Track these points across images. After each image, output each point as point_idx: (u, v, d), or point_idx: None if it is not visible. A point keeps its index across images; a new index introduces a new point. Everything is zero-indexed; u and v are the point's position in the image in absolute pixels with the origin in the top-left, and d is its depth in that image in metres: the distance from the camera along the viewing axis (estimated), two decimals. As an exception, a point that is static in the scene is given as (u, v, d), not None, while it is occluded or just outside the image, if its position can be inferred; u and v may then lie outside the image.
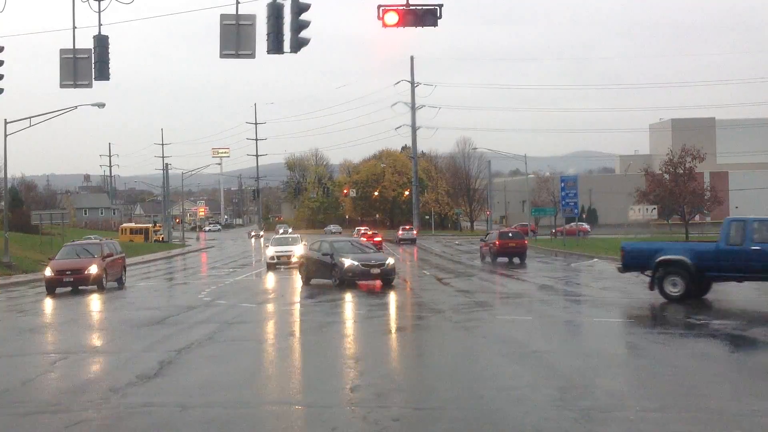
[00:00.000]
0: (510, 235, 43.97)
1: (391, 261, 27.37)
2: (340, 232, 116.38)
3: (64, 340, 16.31)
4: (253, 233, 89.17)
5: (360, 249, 28.36)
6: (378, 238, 61.68)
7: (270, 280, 31.21)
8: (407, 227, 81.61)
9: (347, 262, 26.27)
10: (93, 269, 27.59)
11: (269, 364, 13.04)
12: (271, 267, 38.17)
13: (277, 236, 46.97)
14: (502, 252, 42.11)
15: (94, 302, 24.22)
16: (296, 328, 17.42)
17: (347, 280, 26.18)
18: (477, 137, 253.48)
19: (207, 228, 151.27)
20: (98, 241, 32.44)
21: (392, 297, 24.07)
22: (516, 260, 41.59)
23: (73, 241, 34.87)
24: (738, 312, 18.93)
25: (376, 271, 26.36)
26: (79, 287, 27.48)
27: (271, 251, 39.89)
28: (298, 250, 38.40)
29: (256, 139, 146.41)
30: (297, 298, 24.24)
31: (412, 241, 73.38)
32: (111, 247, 31.31)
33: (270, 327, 17.63)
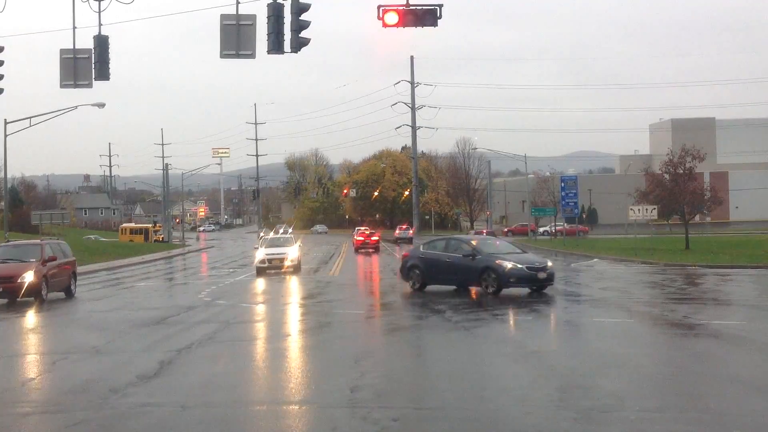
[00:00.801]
0: (484, 234, 50.95)
1: (551, 263, 23.78)
2: (326, 232, 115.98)
3: (64, 340, 16.30)
4: (262, 234, 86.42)
5: (508, 248, 24.67)
6: (375, 237, 61.93)
7: (270, 280, 31.16)
8: (404, 227, 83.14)
9: (508, 264, 22.36)
10: (28, 277, 22.63)
11: (269, 364, 13.03)
12: (261, 272, 34.01)
13: (269, 237, 41.17)
14: None
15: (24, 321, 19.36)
16: (296, 328, 17.42)
17: (508, 286, 22.51)
18: (477, 137, 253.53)
19: (202, 228, 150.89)
20: (39, 241, 26.41)
21: (390, 298, 24.07)
22: None
23: (8, 241, 29.05)
24: (737, 312, 18.93)
25: (543, 275, 22.49)
26: (16, 299, 22.78)
27: (261, 254, 35.26)
28: (292, 252, 35.30)
29: (256, 139, 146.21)
30: (297, 298, 24.25)
31: (408, 241, 74.52)
32: (56, 249, 25.40)
33: (270, 327, 17.61)
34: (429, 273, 24.42)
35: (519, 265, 22.38)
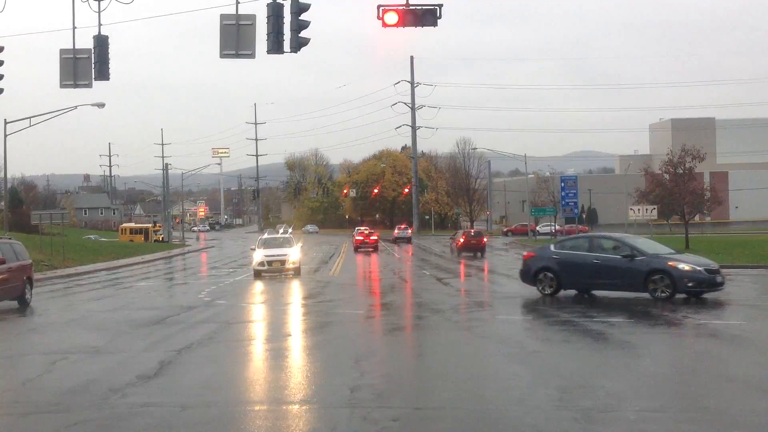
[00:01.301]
0: (472, 233, 54.00)
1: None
2: (317, 232, 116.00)
3: (64, 340, 16.29)
4: (266, 234, 77.25)
5: (664, 248, 21.94)
6: (374, 237, 62.32)
7: (269, 281, 31.13)
8: (402, 226, 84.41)
9: (684, 265, 20.04)
10: None
11: (269, 364, 13.03)
12: (258, 275, 31.98)
13: (266, 237, 37.68)
14: (465, 247, 51.18)
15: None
16: (296, 328, 17.43)
17: (683, 292, 20.01)
18: (477, 137, 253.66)
19: (197, 228, 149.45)
20: None
21: (390, 297, 24.08)
22: (478, 254, 50.03)
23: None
24: (737, 312, 18.92)
25: (720, 278, 20.26)
26: None
27: (259, 255, 32.64)
28: (293, 254, 32.84)
29: (256, 139, 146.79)
30: (297, 298, 24.24)
31: (407, 240, 76.23)
32: (6, 250, 22.12)
33: (270, 327, 17.62)
34: (568, 276, 21.67)
35: (697, 267, 20.14)
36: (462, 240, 51.87)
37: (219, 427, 8.76)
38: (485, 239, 53.40)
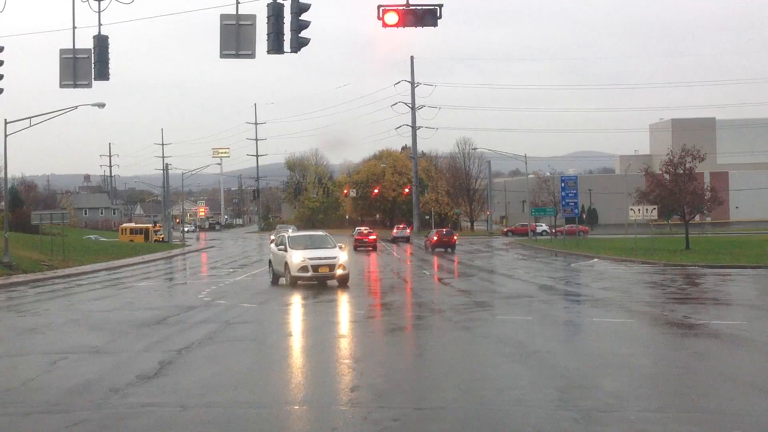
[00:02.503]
0: (444, 233, 59.80)
1: None
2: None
3: (64, 340, 16.29)
4: (289, 231, 57.06)
5: None
6: (373, 237, 62.74)
7: (269, 280, 31.02)
8: (401, 226, 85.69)
9: None
10: None
11: (269, 364, 13.04)
12: (294, 282, 26.29)
13: (298, 234, 31.15)
14: (438, 245, 57.27)
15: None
16: (296, 328, 17.42)
17: None
18: (477, 137, 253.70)
19: (186, 228, 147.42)
20: None
21: (393, 297, 24.07)
22: (449, 250, 55.92)
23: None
24: (737, 312, 18.93)
25: None
26: None
27: (298, 257, 26.11)
28: (342, 257, 26.65)
29: (256, 139, 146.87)
30: (297, 298, 24.22)
31: (405, 240, 77.84)
32: None
33: (270, 327, 17.61)
34: None
35: None
36: (435, 238, 58.11)
37: (219, 427, 8.76)
38: (455, 238, 59.67)
